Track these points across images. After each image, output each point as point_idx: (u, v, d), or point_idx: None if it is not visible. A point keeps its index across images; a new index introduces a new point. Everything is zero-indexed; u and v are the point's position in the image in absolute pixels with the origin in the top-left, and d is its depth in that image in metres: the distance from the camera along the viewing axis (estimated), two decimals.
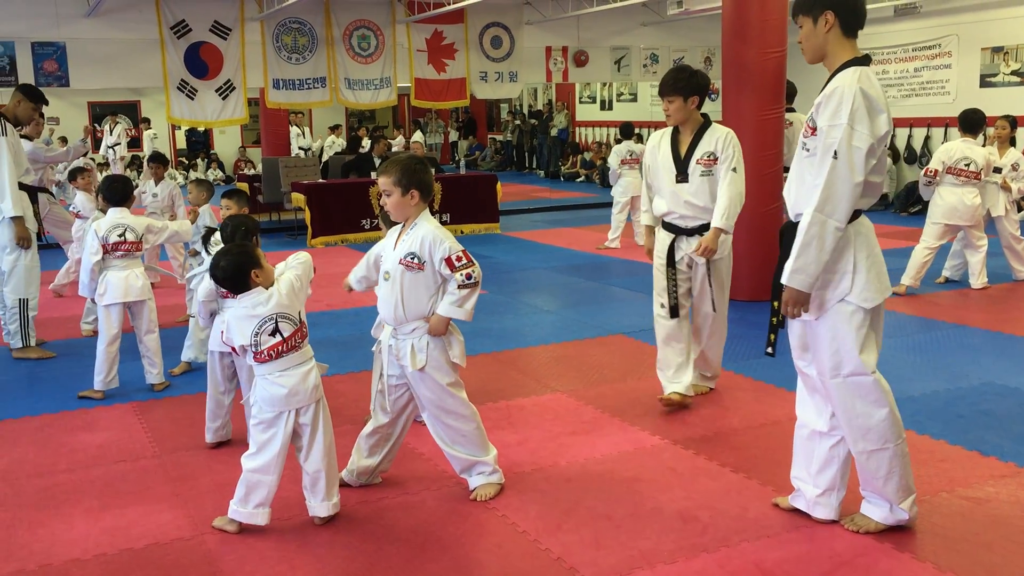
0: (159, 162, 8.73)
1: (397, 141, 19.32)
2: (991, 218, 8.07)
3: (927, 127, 13.74)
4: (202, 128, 18.37)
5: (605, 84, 20.42)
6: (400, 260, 3.68)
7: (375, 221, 11.47)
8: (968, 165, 7.66)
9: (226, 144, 23.27)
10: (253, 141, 21.79)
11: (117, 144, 15.19)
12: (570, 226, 12.89)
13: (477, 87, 14.20)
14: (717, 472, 4.12)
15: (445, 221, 12.06)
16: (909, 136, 13.96)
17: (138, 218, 5.63)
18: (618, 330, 6.80)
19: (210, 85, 12.36)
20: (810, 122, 3.27)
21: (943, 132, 13.26)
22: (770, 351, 3.54)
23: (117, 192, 5.55)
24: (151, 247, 5.82)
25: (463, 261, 3.64)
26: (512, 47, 14.32)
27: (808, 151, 3.28)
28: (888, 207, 13.62)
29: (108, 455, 4.55)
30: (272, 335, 3.54)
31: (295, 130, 17.86)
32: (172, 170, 17.00)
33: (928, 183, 7.80)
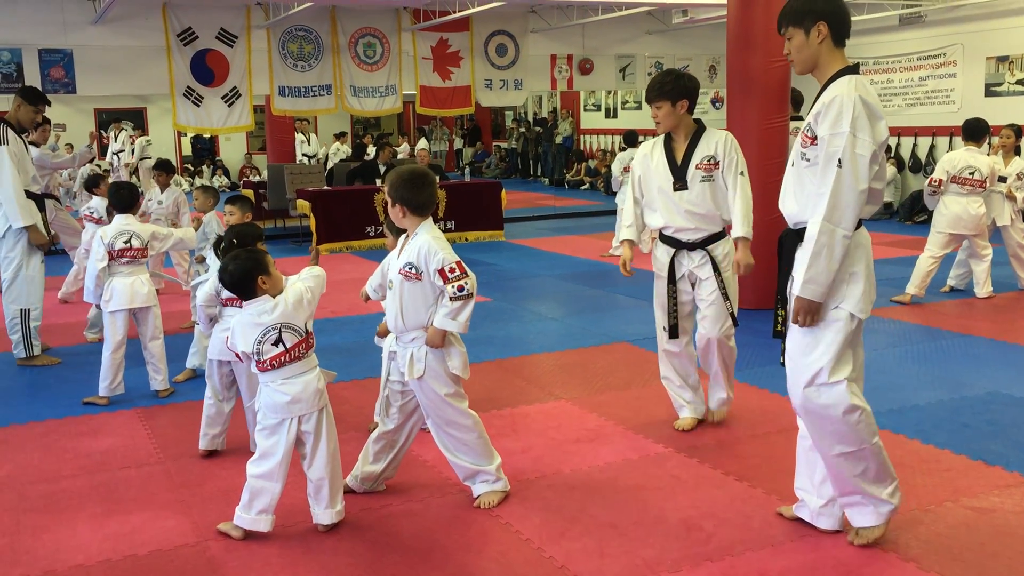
0: (164, 169, 8.75)
1: (402, 148, 19.36)
2: (996, 227, 8.05)
3: (932, 136, 13.72)
4: (208, 135, 18.40)
5: (610, 92, 20.44)
6: (400, 270, 3.70)
7: (380, 228, 11.49)
8: (972, 174, 7.65)
9: (232, 151, 23.32)
10: (259, 148, 21.85)
11: (121, 151, 15.24)
12: (574, 234, 12.90)
13: (482, 95, 14.22)
14: (721, 481, 4.12)
15: (450, 228, 12.08)
16: (914, 145, 13.95)
17: (144, 225, 5.65)
18: (622, 338, 6.80)
19: (216, 92, 12.39)
20: (808, 132, 3.28)
21: (948, 141, 13.26)
22: (783, 361, 3.49)
23: (123, 199, 5.57)
24: (156, 254, 5.83)
25: (456, 272, 3.63)
26: (517, 55, 14.34)
27: (808, 160, 3.28)
28: (893, 216, 13.61)
29: (113, 461, 4.56)
30: (275, 344, 3.55)
31: (300, 137, 17.90)
32: (178, 177, 17.05)
33: (932, 193, 7.79)
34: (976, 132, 7.81)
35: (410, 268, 3.67)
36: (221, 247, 4.78)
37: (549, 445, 4.63)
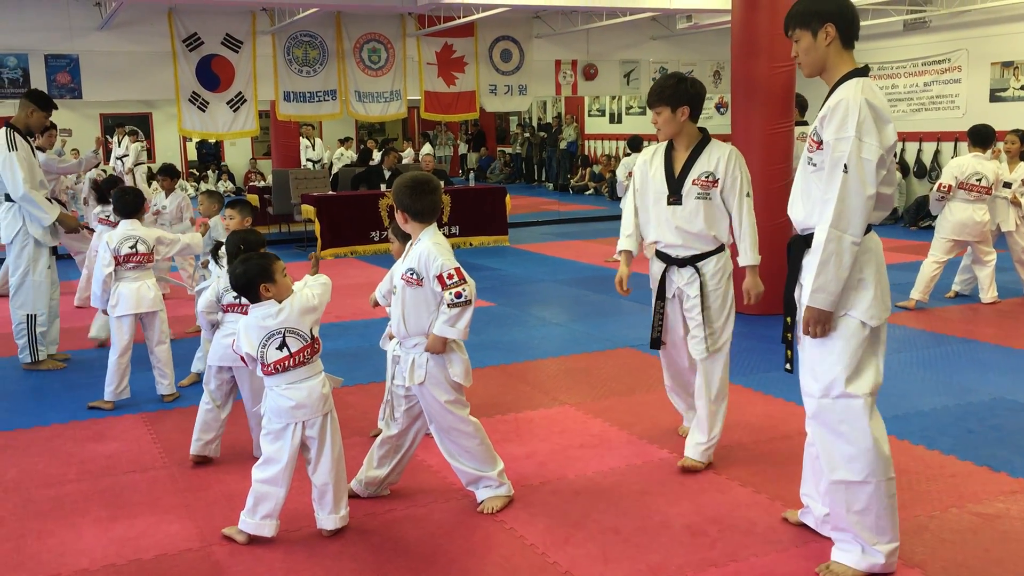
0: (169, 174, 8.78)
1: (407, 154, 19.38)
2: (1001, 233, 8.05)
3: (937, 141, 13.72)
4: (213, 140, 18.46)
5: (614, 97, 20.45)
6: (402, 275, 3.71)
7: (385, 233, 11.50)
8: (979, 180, 7.65)
9: (237, 156, 23.37)
10: (263, 153, 21.88)
11: (125, 156, 15.28)
12: (579, 239, 12.91)
13: (486, 100, 14.25)
14: (726, 486, 4.11)
15: (454, 233, 12.09)
16: (919, 151, 13.94)
17: (149, 229, 5.66)
18: (626, 343, 6.80)
19: (221, 97, 12.43)
20: (815, 136, 3.21)
21: (953, 147, 13.25)
22: (788, 367, 3.43)
23: (128, 204, 5.58)
24: (162, 259, 5.85)
25: (454, 279, 3.62)
26: (522, 60, 14.37)
27: (815, 166, 3.21)
28: (898, 221, 13.60)
29: (118, 465, 4.56)
30: (279, 349, 3.55)
31: (304, 142, 17.94)
32: (183, 181, 17.08)
33: (941, 198, 7.78)
34: (984, 138, 7.81)
35: (412, 274, 3.67)
36: (219, 253, 4.80)
37: (553, 450, 4.63)
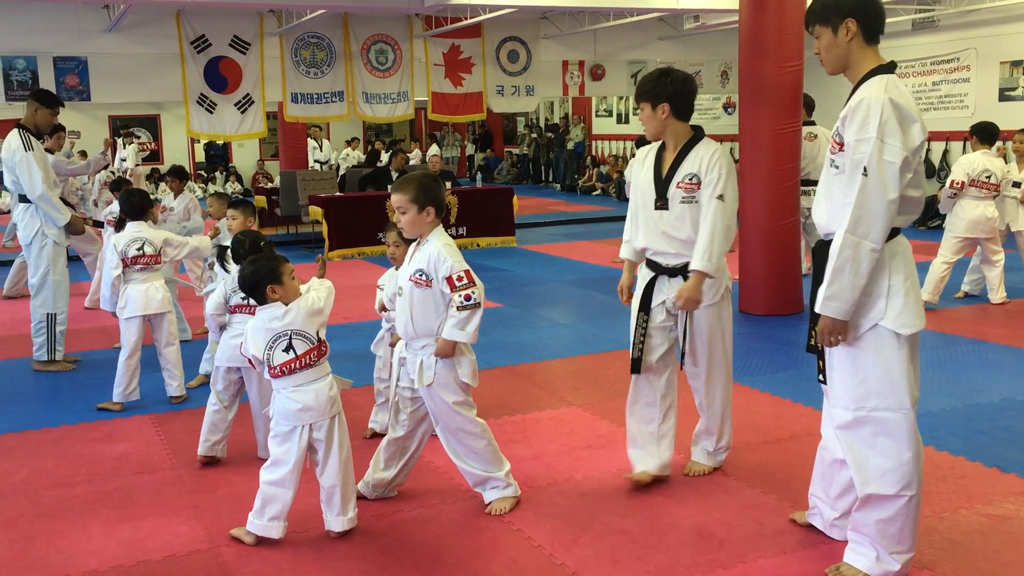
0: (178, 176, 8.79)
1: (414, 155, 19.40)
2: (1010, 233, 8.02)
3: (946, 141, 13.68)
4: (221, 142, 18.51)
5: (622, 98, 20.45)
6: (410, 276, 3.70)
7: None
8: (989, 178, 7.64)
9: (244, 157, 23.43)
10: (271, 154, 21.93)
11: (124, 159, 15.34)
12: (586, 239, 12.90)
13: (494, 101, 14.25)
14: (734, 487, 4.10)
15: (461, 234, 12.09)
16: (927, 150, 13.90)
17: (156, 231, 5.67)
18: None
19: (229, 99, 12.46)
20: (836, 137, 3.08)
21: (962, 146, 13.20)
22: (821, 378, 3.26)
23: (135, 206, 5.59)
24: (170, 261, 5.86)
25: (464, 281, 3.63)
26: (529, 61, 14.37)
27: (837, 168, 3.09)
28: None
29: (126, 467, 4.58)
30: (286, 351, 3.56)
31: (312, 143, 17.97)
32: (191, 183, 17.11)
33: (953, 195, 7.75)
34: (991, 135, 7.82)
35: (420, 275, 3.67)
36: (225, 256, 4.80)
37: (560, 451, 4.63)
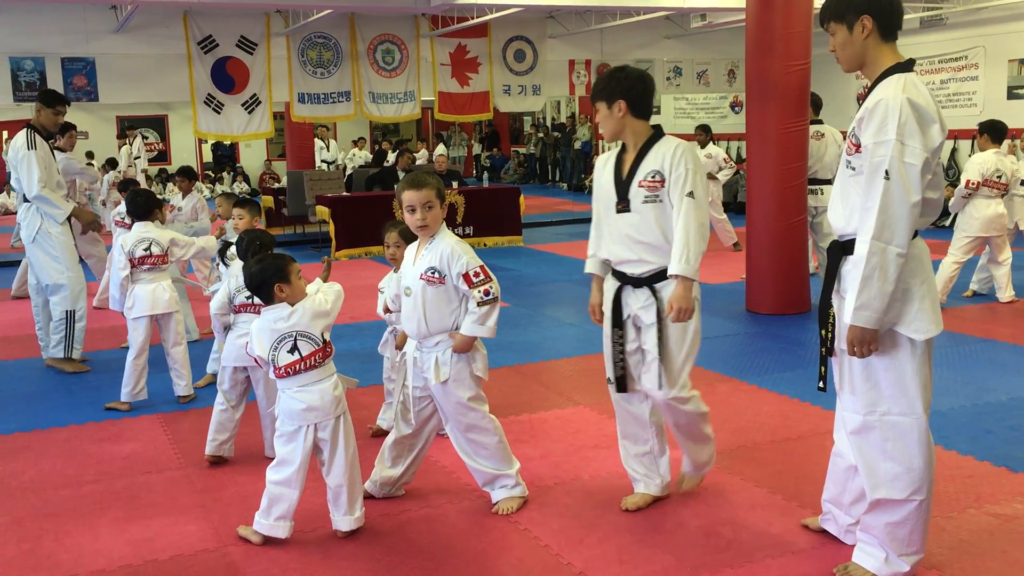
0: (187, 176, 8.83)
1: (421, 154, 19.41)
2: (1019, 231, 8.00)
3: (954, 139, 13.63)
4: (228, 142, 18.58)
5: None
6: (421, 275, 3.70)
7: None
8: (1000, 177, 7.63)
9: (252, 157, 23.48)
10: (278, 154, 21.98)
11: (137, 158, 15.41)
12: None
13: (500, 100, 14.26)
14: (741, 487, 4.10)
15: (468, 234, 12.09)
16: None
17: (163, 231, 5.69)
18: None
19: (236, 99, 12.49)
20: (853, 138, 3.01)
21: (970, 145, 13.14)
22: (821, 386, 3.23)
23: (141, 206, 5.61)
24: (177, 261, 5.87)
25: (481, 277, 3.64)
26: (535, 60, 14.37)
27: (853, 169, 3.02)
28: None
29: (134, 466, 4.59)
30: (290, 352, 3.56)
31: (319, 143, 17.99)
32: (199, 183, 17.14)
33: (968, 195, 7.72)
34: (1001, 133, 7.83)
35: (433, 272, 3.67)
36: (227, 254, 4.82)
37: (568, 451, 4.62)
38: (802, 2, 7.27)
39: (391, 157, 16.72)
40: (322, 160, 18.18)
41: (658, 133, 3.68)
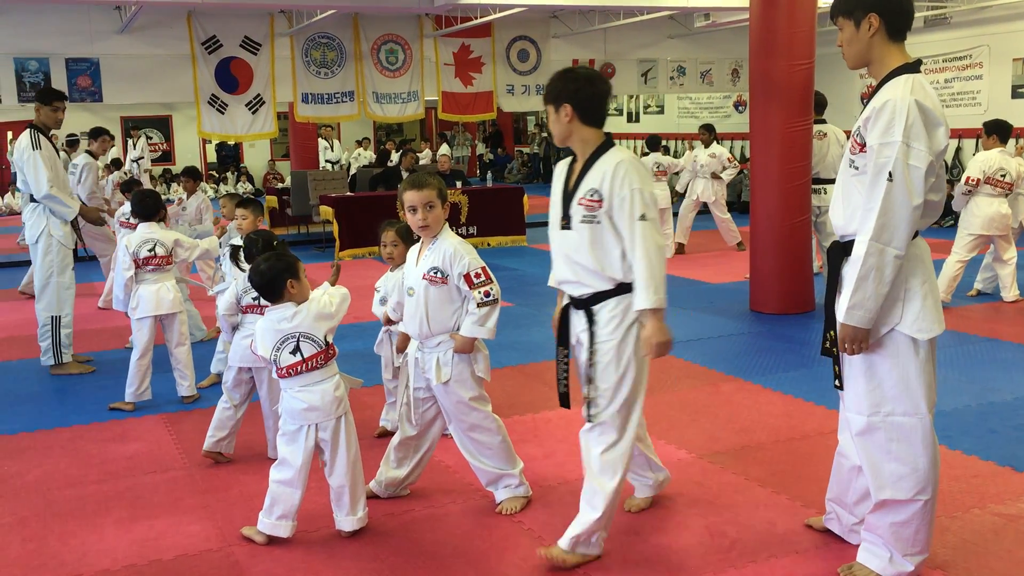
0: (192, 176, 8.84)
1: (424, 154, 19.42)
2: (1023, 230, 7.99)
3: (958, 138, 13.60)
4: (232, 142, 18.62)
5: (632, 96, 20.40)
6: (423, 275, 3.70)
7: None
8: (1004, 176, 7.61)
9: (256, 157, 23.49)
10: (282, 155, 21.98)
11: (140, 158, 15.44)
12: None
13: (504, 100, 14.25)
14: (745, 487, 4.09)
15: (472, 233, 12.10)
16: None
17: (167, 232, 5.70)
18: None
19: (240, 100, 12.49)
20: (858, 138, 2.99)
21: (974, 144, 13.12)
22: (837, 384, 3.20)
23: (147, 207, 5.62)
24: (181, 262, 5.88)
25: (482, 278, 3.64)
26: (539, 60, 14.36)
27: (856, 169, 3.00)
28: None
29: (138, 466, 4.60)
30: (293, 353, 3.57)
31: (323, 143, 18.00)
32: (203, 184, 17.18)
33: (968, 192, 7.72)
34: (1006, 132, 7.82)
35: (435, 272, 3.67)
36: (239, 256, 4.81)
37: (571, 451, 4.61)
38: (806, 2, 7.25)
39: (395, 157, 16.73)
40: (326, 160, 18.20)
41: (605, 144, 3.33)
